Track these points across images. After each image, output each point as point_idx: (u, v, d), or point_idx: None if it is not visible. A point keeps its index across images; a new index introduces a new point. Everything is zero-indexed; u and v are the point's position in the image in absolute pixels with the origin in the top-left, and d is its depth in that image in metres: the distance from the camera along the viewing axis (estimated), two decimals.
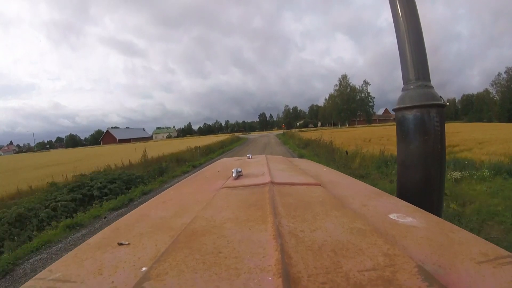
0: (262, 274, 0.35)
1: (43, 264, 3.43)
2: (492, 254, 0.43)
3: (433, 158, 0.95)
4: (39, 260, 3.56)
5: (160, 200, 0.90)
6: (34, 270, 3.28)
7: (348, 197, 0.78)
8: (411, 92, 1.00)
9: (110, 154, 20.16)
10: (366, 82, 67.78)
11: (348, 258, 0.38)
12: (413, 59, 1.00)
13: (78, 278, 0.42)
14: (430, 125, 0.95)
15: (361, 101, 66.77)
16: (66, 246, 3.92)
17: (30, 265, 3.43)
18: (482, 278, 0.37)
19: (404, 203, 0.72)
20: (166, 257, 0.41)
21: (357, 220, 0.53)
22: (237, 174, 1.03)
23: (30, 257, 3.64)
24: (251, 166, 1.34)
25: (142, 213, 0.75)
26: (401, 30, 1.03)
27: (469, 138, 13.00)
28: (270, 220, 0.53)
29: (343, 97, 65.24)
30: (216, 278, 0.35)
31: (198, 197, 0.87)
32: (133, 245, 0.52)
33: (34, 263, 3.47)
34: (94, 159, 15.19)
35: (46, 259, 3.54)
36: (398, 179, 1.07)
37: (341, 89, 67.56)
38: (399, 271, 0.35)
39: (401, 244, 0.46)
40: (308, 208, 0.61)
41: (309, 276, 0.34)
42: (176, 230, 0.58)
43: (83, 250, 0.53)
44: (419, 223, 0.56)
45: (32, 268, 3.33)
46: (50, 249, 3.86)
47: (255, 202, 0.68)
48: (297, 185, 0.86)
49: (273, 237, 0.45)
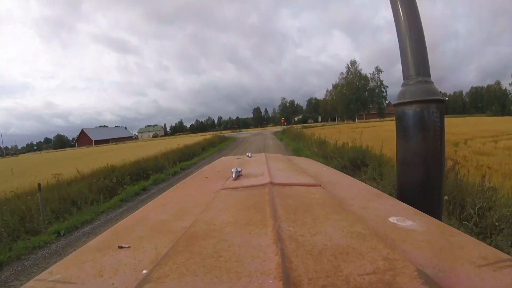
0: (263, 278, 0.35)
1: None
2: (492, 257, 0.44)
3: (433, 155, 0.96)
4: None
5: (160, 202, 0.91)
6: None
7: (348, 198, 0.79)
8: (411, 87, 1.00)
9: (55, 163, 15.53)
10: (379, 69, 59.78)
11: (348, 262, 0.39)
12: (413, 54, 1.01)
13: (78, 280, 0.43)
14: (429, 120, 0.96)
15: (372, 91, 59.09)
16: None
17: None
18: (482, 281, 0.38)
19: (404, 206, 0.74)
20: (166, 260, 0.42)
21: (357, 224, 0.54)
22: (237, 174, 1.04)
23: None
24: (251, 165, 1.35)
25: (142, 216, 0.76)
26: (401, 26, 1.03)
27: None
28: (270, 223, 0.54)
29: (351, 87, 57.10)
30: (217, 281, 0.36)
31: (198, 199, 0.89)
32: (133, 248, 0.53)
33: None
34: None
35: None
36: (398, 178, 1.08)
37: (349, 77, 59.10)
38: (399, 274, 0.36)
39: (401, 248, 0.47)
40: (308, 210, 0.63)
41: (310, 280, 0.34)
42: (176, 233, 0.59)
43: (83, 253, 0.54)
44: (419, 227, 0.57)
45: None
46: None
47: (254, 204, 0.69)
48: (296, 185, 0.87)
49: (273, 241, 0.46)
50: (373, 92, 58.87)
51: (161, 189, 7.10)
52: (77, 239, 4.37)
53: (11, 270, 3.45)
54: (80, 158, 17.83)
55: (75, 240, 4.31)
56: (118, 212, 5.61)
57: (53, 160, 19.89)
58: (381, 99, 60.11)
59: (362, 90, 57.41)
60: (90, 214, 5.32)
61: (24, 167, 14.21)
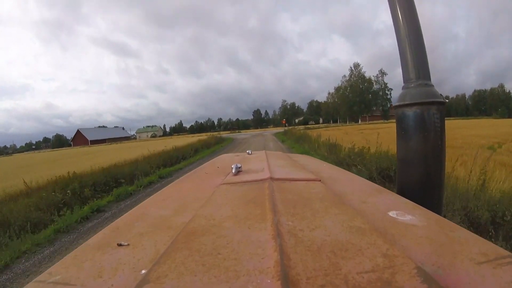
0: (261, 277, 0.35)
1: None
2: (492, 254, 0.44)
3: (433, 155, 0.97)
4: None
5: (160, 197, 0.91)
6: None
7: (348, 193, 0.79)
8: (411, 90, 1.02)
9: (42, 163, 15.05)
10: (383, 72, 59.39)
11: (347, 259, 0.39)
12: (413, 58, 1.02)
13: (77, 281, 0.43)
14: (430, 122, 0.97)
15: (376, 93, 58.04)
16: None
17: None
18: (482, 279, 0.38)
19: (403, 200, 0.73)
20: (165, 259, 0.42)
21: (357, 218, 0.53)
22: (237, 170, 1.05)
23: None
24: (251, 162, 1.36)
25: (142, 212, 0.76)
26: (401, 29, 1.04)
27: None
28: (269, 218, 0.54)
29: (355, 89, 56.71)
30: (215, 281, 0.36)
31: (198, 194, 0.89)
32: (133, 246, 0.53)
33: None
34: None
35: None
36: (398, 177, 1.09)
37: (352, 79, 58.60)
38: (398, 272, 0.35)
39: (400, 243, 0.47)
40: (308, 205, 0.63)
41: (308, 279, 0.34)
42: (176, 229, 0.59)
43: (82, 251, 0.54)
44: (419, 221, 0.57)
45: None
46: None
47: (254, 198, 0.70)
48: (296, 180, 0.87)
49: (272, 236, 0.46)
50: (377, 95, 57.90)
51: (122, 210, 5.20)
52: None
53: None
54: (62, 160, 16.47)
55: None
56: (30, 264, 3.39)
57: (37, 162, 18.59)
58: (385, 101, 59.09)
59: (366, 92, 56.47)
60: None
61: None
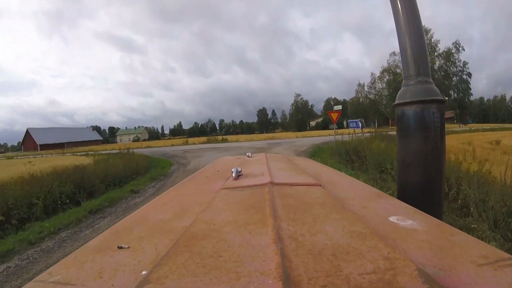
0: (262, 277, 0.36)
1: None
2: (492, 256, 0.45)
3: (433, 156, 1.00)
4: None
5: (160, 201, 0.94)
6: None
7: (348, 198, 0.82)
8: (411, 88, 1.06)
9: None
10: (458, 44, 32.09)
11: (348, 261, 0.40)
12: (413, 54, 1.06)
13: (78, 281, 0.44)
14: (430, 121, 1.00)
15: (446, 76, 30.61)
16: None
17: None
18: (482, 280, 0.39)
19: (404, 205, 0.76)
20: (166, 260, 0.43)
21: (357, 223, 0.55)
22: (237, 174, 1.07)
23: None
24: (251, 165, 1.39)
25: (142, 216, 0.78)
26: (401, 26, 1.09)
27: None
28: (270, 223, 0.56)
29: (398, 79, 33.81)
30: (217, 281, 0.37)
31: (198, 198, 0.91)
32: (133, 249, 0.54)
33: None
34: None
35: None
36: (398, 178, 1.13)
37: (391, 69, 33.64)
38: (399, 274, 0.37)
39: (401, 247, 0.48)
40: (308, 210, 0.65)
41: (309, 279, 0.35)
42: (176, 233, 0.61)
43: (83, 253, 0.55)
44: (419, 226, 0.59)
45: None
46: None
47: (254, 203, 0.71)
48: (297, 185, 0.90)
49: (273, 241, 0.47)
50: (448, 78, 31.25)
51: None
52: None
53: None
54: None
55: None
56: None
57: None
58: (464, 92, 32.63)
59: (445, 76, 29.93)
60: None
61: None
